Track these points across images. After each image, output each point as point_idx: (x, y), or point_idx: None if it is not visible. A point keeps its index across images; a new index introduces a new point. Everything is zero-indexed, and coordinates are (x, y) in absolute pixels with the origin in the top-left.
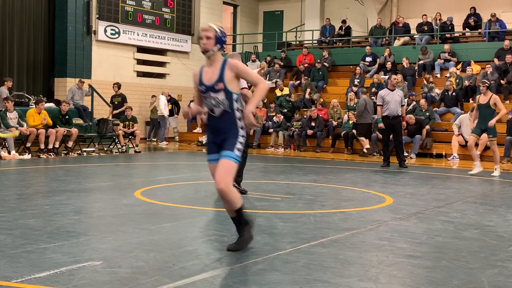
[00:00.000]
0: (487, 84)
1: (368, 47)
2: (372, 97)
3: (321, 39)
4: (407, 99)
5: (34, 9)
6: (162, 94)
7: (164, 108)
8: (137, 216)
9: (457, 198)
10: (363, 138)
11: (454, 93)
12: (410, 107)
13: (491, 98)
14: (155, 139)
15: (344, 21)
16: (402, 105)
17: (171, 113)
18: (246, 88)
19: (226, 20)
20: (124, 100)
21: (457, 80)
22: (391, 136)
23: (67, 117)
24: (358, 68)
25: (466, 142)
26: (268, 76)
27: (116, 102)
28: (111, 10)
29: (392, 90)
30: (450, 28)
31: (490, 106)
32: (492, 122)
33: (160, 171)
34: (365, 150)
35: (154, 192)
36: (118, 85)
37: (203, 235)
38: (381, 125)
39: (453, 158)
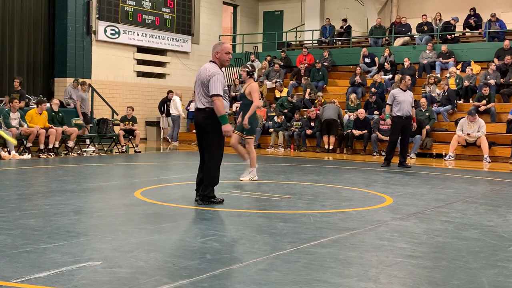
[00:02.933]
0: (247, 70)
1: (364, 49)
2: (373, 96)
3: (321, 39)
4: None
5: (34, 9)
6: (175, 95)
7: (179, 108)
8: (137, 216)
9: (457, 198)
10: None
11: (446, 93)
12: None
13: (247, 86)
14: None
15: (345, 20)
16: (412, 107)
17: (168, 114)
18: (217, 95)
19: (226, 20)
20: (22, 98)
21: (457, 80)
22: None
23: (60, 114)
24: (358, 68)
25: (467, 142)
26: (268, 76)
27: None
28: (111, 10)
29: (404, 91)
30: (452, 28)
31: (246, 96)
32: (244, 121)
33: (160, 171)
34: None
35: (154, 192)
36: (18, 80)
37: (203, 235)
38: (388, 120)
39: (449, 158)
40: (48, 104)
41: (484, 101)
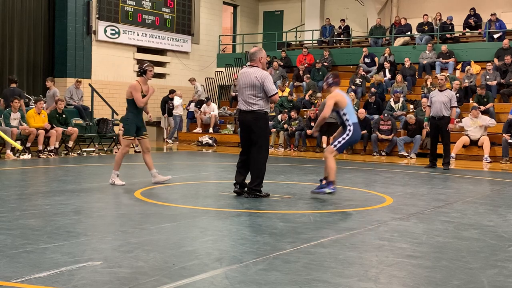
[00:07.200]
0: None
1: (365, 49)
2: (373, 96)
3: (321, 39)
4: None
5: (34, 9)
6: (176, 96)
7: (180, 107)
8: (137, 216)
9: (457, 198)
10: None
11: None
12: (400, 104)
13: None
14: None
15: (343, 20)
16: (452, 107)
17: (170, 113)
18: (276, 93)
19: (226, 20)
20: (6, 100)
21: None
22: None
23: (64, 115)
24: (359, 68)
25: (470, 142)
26: None
27: None
28: (111, 10)
29: (440, 91)
30: (450, 28)
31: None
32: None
33: (160, 171)
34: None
35: (154, 192)
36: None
37: (203, 235)
38: (425, 123)
39: (450, 158)
40: (45, 104)
41: (482, 107)
